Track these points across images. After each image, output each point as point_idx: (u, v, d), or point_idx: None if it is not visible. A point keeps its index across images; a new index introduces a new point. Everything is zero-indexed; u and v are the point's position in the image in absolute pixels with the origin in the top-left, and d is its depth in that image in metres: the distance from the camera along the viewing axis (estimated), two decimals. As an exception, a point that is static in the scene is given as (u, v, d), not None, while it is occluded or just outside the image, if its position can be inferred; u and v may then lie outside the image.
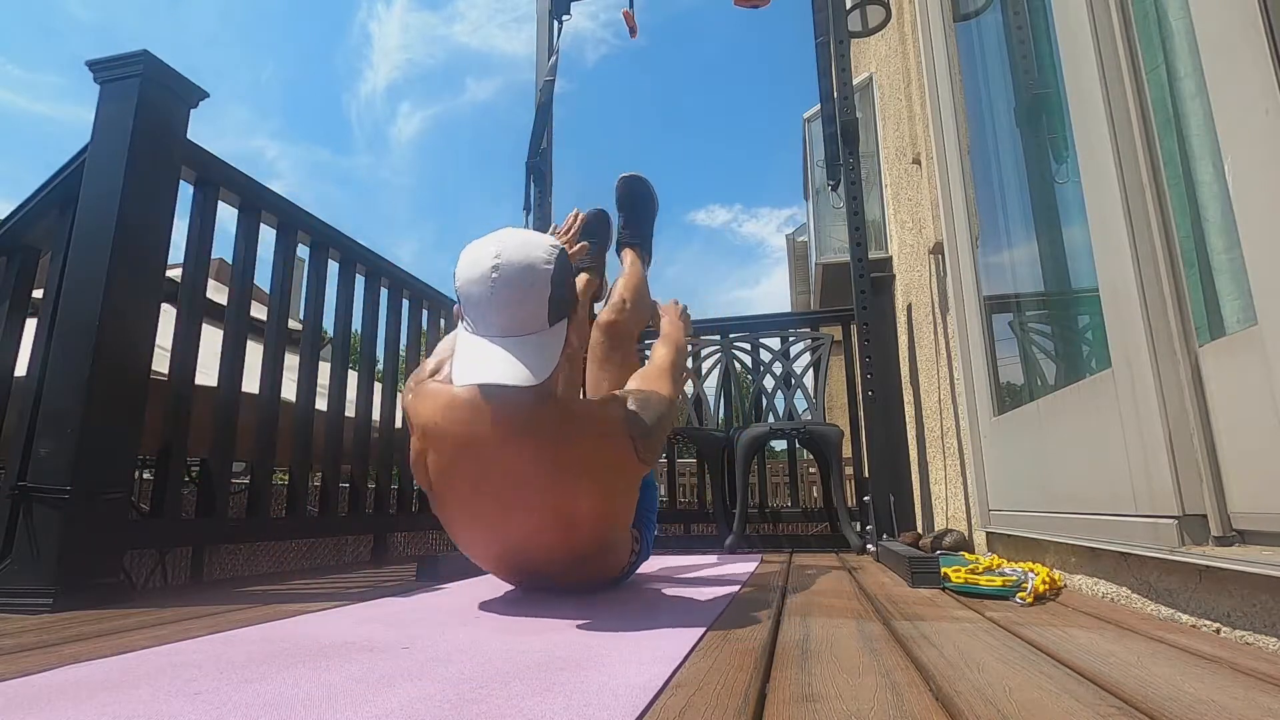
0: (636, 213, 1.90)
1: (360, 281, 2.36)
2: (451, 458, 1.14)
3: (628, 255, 1.88)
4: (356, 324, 2.37)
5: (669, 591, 1.38)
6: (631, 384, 1.34)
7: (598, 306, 1.84)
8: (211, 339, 1.85)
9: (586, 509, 1.14)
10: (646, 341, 3.18)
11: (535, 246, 1.09)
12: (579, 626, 0.96)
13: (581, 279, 1.77)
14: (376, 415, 2.45)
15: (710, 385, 3.08)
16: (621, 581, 1.44)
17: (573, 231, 1.52)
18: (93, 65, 1.49)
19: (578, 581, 1.32)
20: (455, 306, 1.16)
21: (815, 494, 6.53)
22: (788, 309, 13.22)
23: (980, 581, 1.27)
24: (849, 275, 2.26)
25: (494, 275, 1.04)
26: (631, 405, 1.19)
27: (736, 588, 1.40)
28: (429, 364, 1.25)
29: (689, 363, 1.69)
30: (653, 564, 1.89)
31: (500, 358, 1.04)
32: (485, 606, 1.19)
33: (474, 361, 1.05)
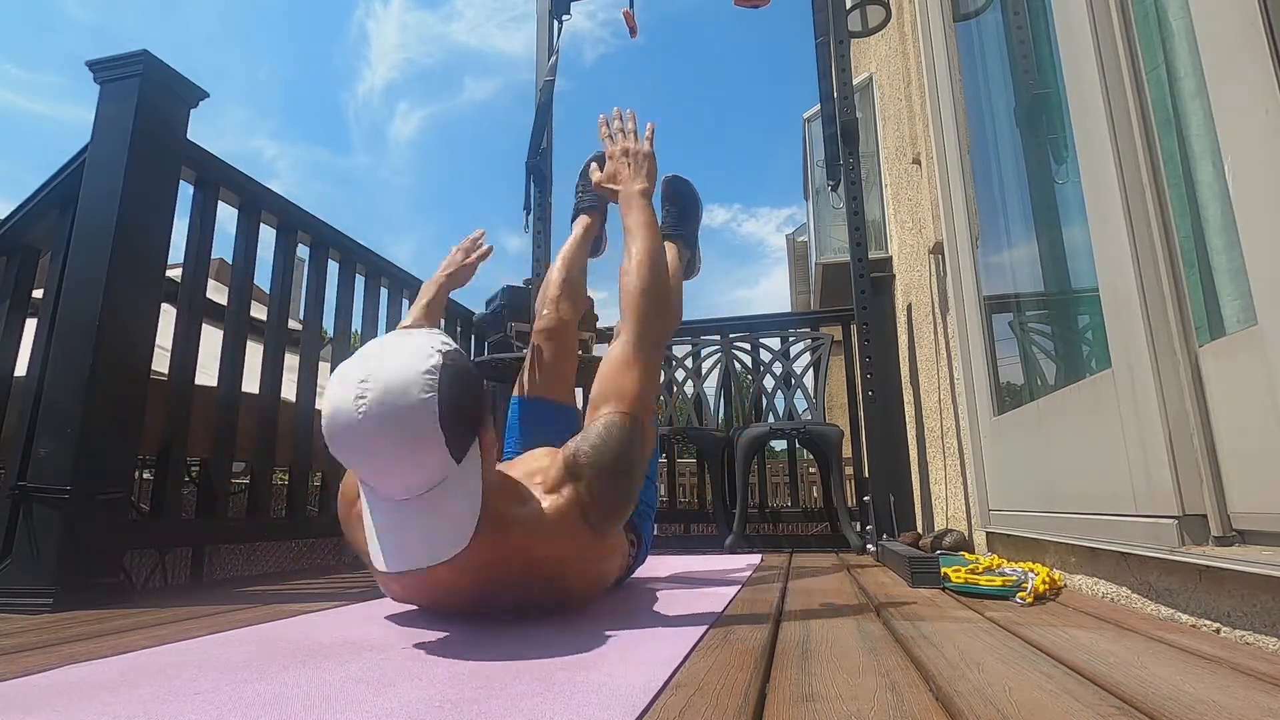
0: (685, 213, 1.77)
1: (360, 281, 2.36)
2: (398, 582, 1.04)
3: (670, 249, 1.66)
4: (356, 324, 2.37)
5: (669, 591, 1.38)
6: (595, 385, 1.08)
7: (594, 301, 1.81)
8: (211, 339, 1.85)
9: (570, 584, 1.02)
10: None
11: (409, 370, 0.81)
12: (579, 627, 0.96)
13: (581, 223, 1.66)
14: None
15: (710, 385, 3.09)
16: (620, 583, 1.44)
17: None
18: (93, 65, 1.49)
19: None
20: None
21: (815, 494, 6.53)
22: (788, 309, 13.22)
23: (980, 581, 1.27)
24: (849, 275, 2.26)
25: (360, 412, 0.79)
26: (581, 489, 0.95)
27: (736, 588, 1.40)
28: (350, 486, 1.10)
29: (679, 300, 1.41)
30: (652, 564, 1.89)
31: (411, 535, 0.84)
32: (485, 606, 1.19)
33: (385, 546, 0.84)
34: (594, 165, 1.39)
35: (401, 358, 0.83)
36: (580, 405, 1.64)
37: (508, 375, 2.00)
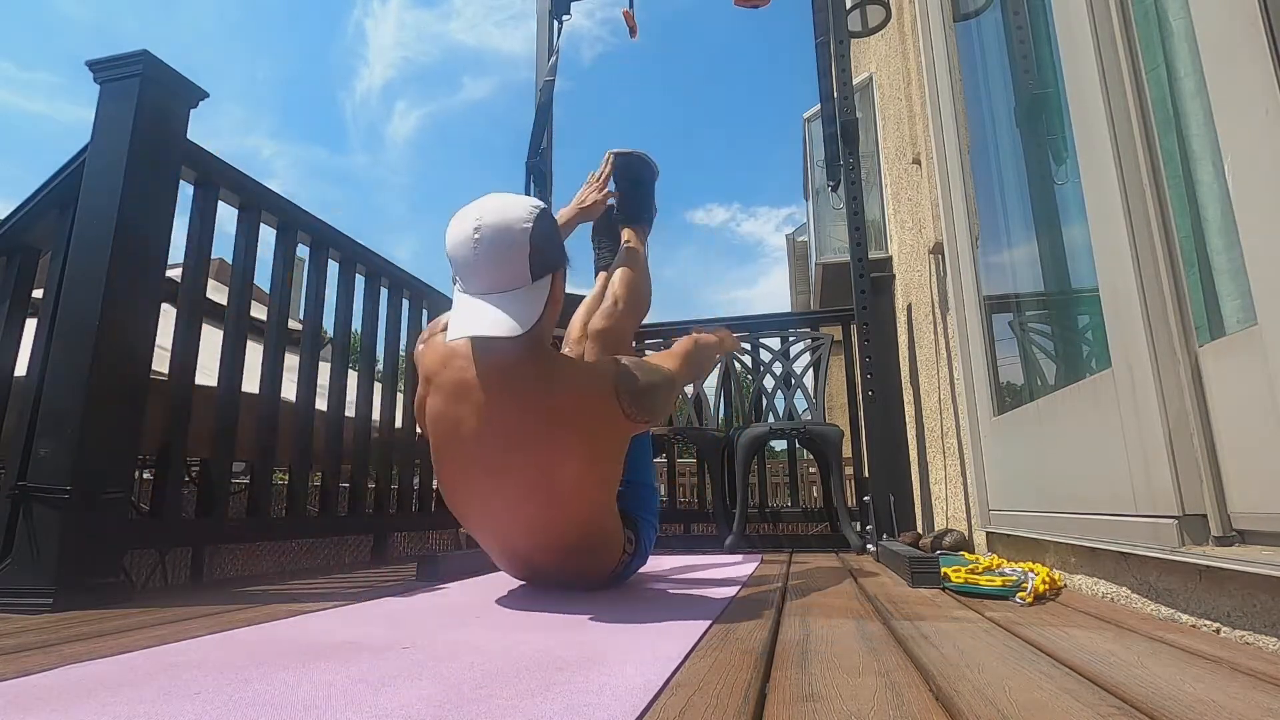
0: (634, 189, 1.80)
1: (360, 281, 2.36)
2: (447, 403, 1.21)
3: (623, 236, 1.79)
4: (356, 324, 2.37)
5: (669, 591, 1.38)
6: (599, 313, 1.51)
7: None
8: (211, 339, 1.85)
9: (570, 470, 1.16)
10: (646, 342, 3.18)
11: (514, 208, 1.14)
12: (579, 626, 0.96)
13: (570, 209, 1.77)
14: (376, 415, 2.45)
15: (710, 385, 3.09)
16: (619, 582, 1.44)
17: (604, 176, 1.71)
18: (93, 65, 1.48)
19: (570, 576, 1.33)
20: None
21: (815, 494, 6.53)
22: (787, 309, 13.22)
23: (980, 581, 1.27)
24: (849, 275, 2.26)
25: (476, 237, 1.11)
26: (625, 363, 1.22)
27: (736, 588, 1.40)
28: (440, 320, 1.31)
29: (715, 361, 1.66)
30: (652, 564, 1.89)
31: (487, 312, 1.11)
32: (485, 606, 1.19)
33: (463, 317, 1.12)
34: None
35: (511, 202, 1.16)
36: None
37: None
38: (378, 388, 2.48)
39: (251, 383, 1.89)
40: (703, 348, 1.52)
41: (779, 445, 3.33)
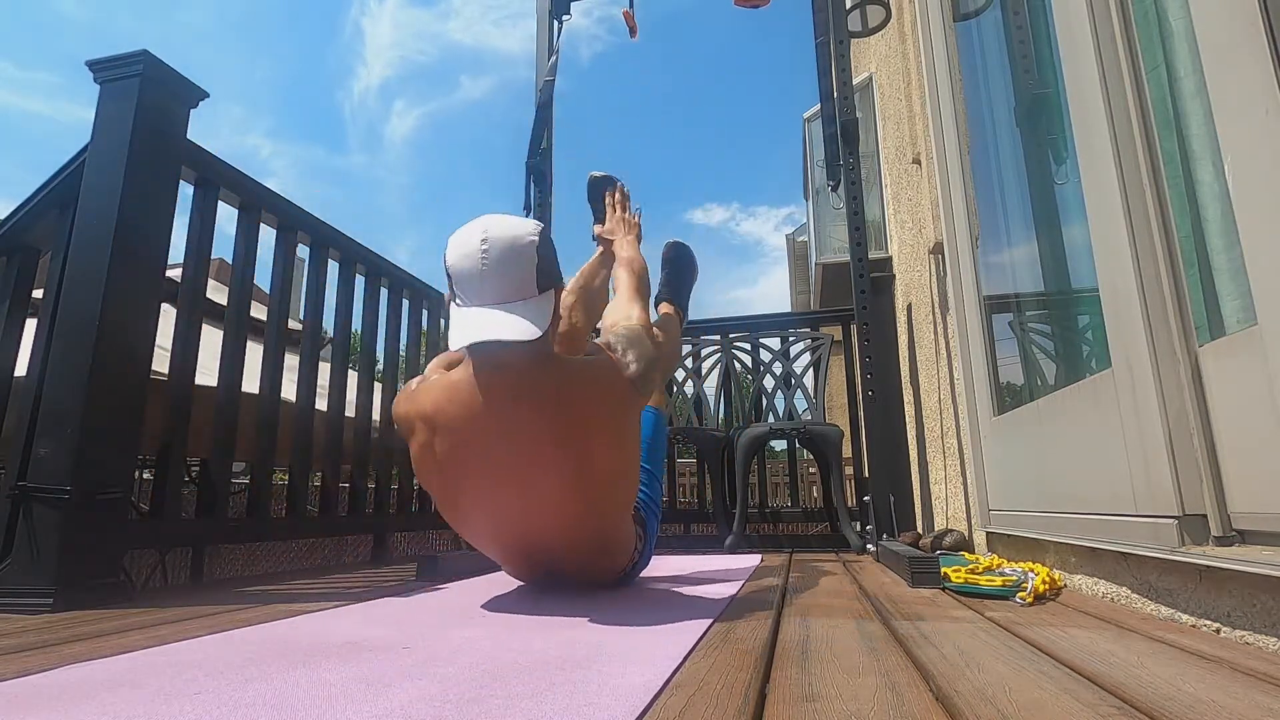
0: (680, 276, 1.89)
1: (360, 281, 2.36)
2: (460, 434, 1.17)
3: (664, 309, 1.83)
4: (356, 324, 2.37)
5: (669, 591, 1.38)
6: (608, 319, 1.44)
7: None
8: (211, 339, 1.85)
9: (601, 460, 1.17)
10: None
11: (518, 224, 1.15)
12: (579, 626, 0.96)
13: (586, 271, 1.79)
14: (376, 415, 2.45)
15: (710, 385, 3.09)
16: (627, 582, 1.44)
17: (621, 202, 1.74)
18: (93, 65, 1.48)
19: (584, 572, 1.33)
20: (446, 294, 1.20)
21: (815, 494, 6.53)
22: (787, 309, 13.23)
23: (980, 581, 1.27)
24: (849, 275, 2.26)
25: (484, 249, 1.10)
26: (624, 355, 1.21)
27: (736, 588, 1.40)
28: (414, 381, 1.27)
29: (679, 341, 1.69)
30: (652, 564, 1.89)
31: (498, 318, 1.09)
32: (485, 606, 1.19)
33: (472, 325, 1.09)
34: (595, 226, 1.78)
35: (513, 219, 1.16)
36: None
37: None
38: (378, 388, 2.48)
39: (251, 383, 1.89)
40: (642, 277, 1.55)
41: (779, 445, 3.34)
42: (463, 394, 1.16)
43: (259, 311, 2.33)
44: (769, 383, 2.97)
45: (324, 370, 2.27)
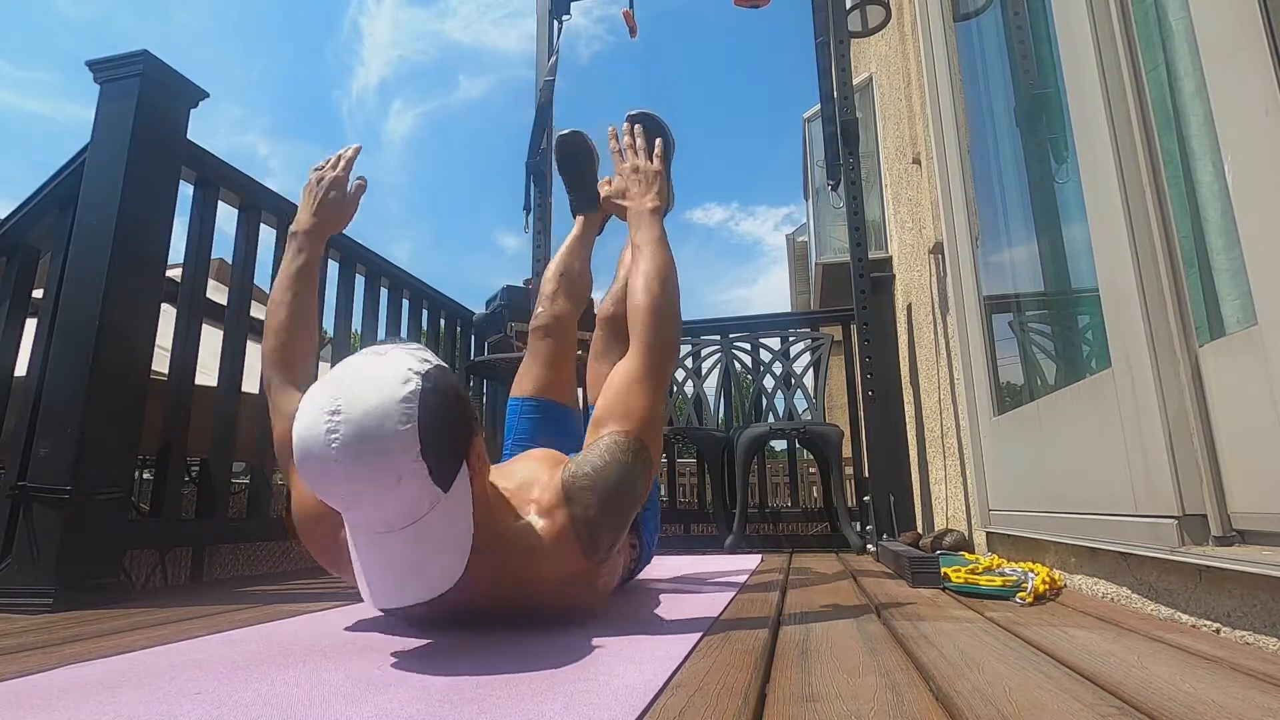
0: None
1: (360, 281, 2.36)
2: (394, 612, 0.93)
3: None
4: (356, 324, 2.37)
5: (669, 592, 1.38)
6: (600, 400, 1.04)
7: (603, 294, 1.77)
8: (211, 339, 1.85)
9: (566, 599, 0.97)
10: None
11: (384, 399, 0.73)
12: (579, 627, 0.96)
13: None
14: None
15: (710, 385, 3.09)
16: (624, 585, 1.44)
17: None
18: (93, 65, 1.48)
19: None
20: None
21: (815, 494, 6.53)
22: (787, 309, 13.22)
23: (980, 581, 1.27)
24: (849, 275, 2.26)
25: (334, 451, 0.71)
26: (582, 500, 0.91)
27: (736, 588, 1.40)
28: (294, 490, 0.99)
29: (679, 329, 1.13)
30: (652, 564, 1.89)
31: (400, 569, 0.79)
32: (485, 606, 1.19)
33: (374, 582, 0.80)
34: (602, 180, 1.28)
35: (375, 385, 0.74)
36: (580, 404, 1.63)
37: (508, 376, 2.00)
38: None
39: (251, 383, 1.89)
40: (665, 312, 1.08)
41: (779, 445, 3.34)
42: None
43: (259, 311, 2.33)
44: (769, 383, 2.97)
45: (324, 370, 2.26)
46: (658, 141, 1.28)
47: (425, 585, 0.79)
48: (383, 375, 0.76)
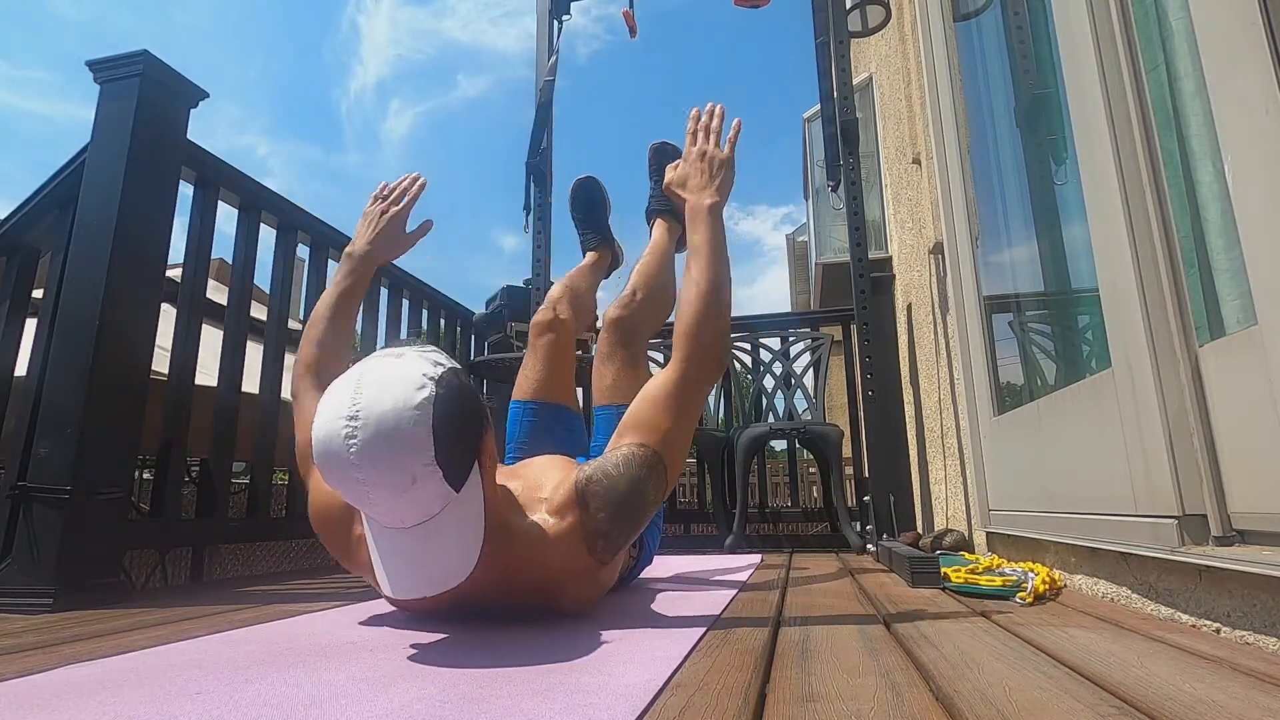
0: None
1: (360, 281, 2.36)
2: (403, 603, 1.01)
3: (657, 228, 1.59)
4: (357, 323, 2.37)
5: (669, 591, 1.38)
6: (632, 405, 1.05)
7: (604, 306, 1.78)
8: (211, 339, 1.85)
9: (564, 596, 1.01)
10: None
11: (400, 404, 0.76)
12: (579, 627, 0.96)
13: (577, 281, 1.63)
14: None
15: (710, 385, 3.08)
16: (623, 585, 1.44)
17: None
18: (93, 65, 1.49)
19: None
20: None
21: (815, 494, 6.53)
22: (787, 309, 13.21)
23: (980, 581, 1.27)
24: (849, 275, 2.26)
25: (352, 454, 0.75)
26: (592, 505, 0.94)
27: (736, 588, 1.40)
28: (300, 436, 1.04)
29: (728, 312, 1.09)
30: (653, 564, 1.89)
31: (414, 562, 0.82)
32: (485, 606, 1.19)
33: (391, 572, 0.83)
34: (668, 167, 1.22)
35: (391, 390, 0.77)
36: (580, 405, 1.63)
37: (508, 376, 2.00)
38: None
39: (251, 383, 1.89)
40: (715, 322, 1.05)
41: (779, 445, 3.34)
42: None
43: (259, 311, 2.33)
44: (769, 383, 2.97)
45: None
46: (736, 122, 1.19)
47: (437, 578, 0.83)
48: (398, 380, 0.78)
